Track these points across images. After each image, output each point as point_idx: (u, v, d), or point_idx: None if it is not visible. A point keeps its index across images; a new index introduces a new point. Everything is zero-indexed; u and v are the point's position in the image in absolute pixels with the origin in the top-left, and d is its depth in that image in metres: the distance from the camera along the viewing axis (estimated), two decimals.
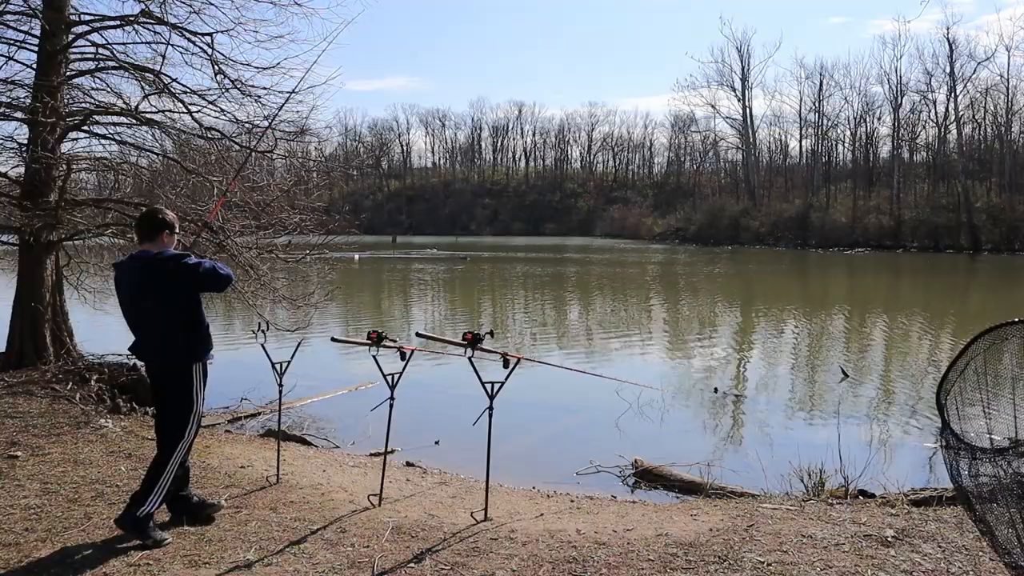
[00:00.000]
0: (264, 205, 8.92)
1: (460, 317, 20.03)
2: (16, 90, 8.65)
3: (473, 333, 4.46)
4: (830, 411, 8.88)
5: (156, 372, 4.10)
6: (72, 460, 5.37)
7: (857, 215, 61.61)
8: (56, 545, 3.80)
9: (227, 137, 9.04)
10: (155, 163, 10.08)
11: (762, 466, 6.15)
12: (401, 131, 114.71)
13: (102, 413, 7.00)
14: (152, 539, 3.79)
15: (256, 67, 8.77)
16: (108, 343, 9.04)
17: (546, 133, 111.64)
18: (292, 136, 9.38)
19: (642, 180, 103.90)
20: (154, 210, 4.19)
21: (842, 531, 4.02)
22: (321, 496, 4.85)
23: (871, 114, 70.12)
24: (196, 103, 8.76)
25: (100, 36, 8.93)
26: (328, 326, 14.67)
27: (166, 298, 3.93)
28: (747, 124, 76.84)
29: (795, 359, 13.34)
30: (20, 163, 8.93)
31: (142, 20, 8.51)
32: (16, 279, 8.91)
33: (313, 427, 8.09)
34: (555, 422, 8.65)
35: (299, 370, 5.67)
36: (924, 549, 3.72)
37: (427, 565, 3.62)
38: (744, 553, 3.72)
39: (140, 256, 3.98)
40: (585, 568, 3.59)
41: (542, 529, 4.24)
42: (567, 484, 6.07)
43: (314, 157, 12.32)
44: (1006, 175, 56.94)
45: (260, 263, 8.80)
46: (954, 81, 60.04)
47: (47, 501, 4.45)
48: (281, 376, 5.22)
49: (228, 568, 3.57)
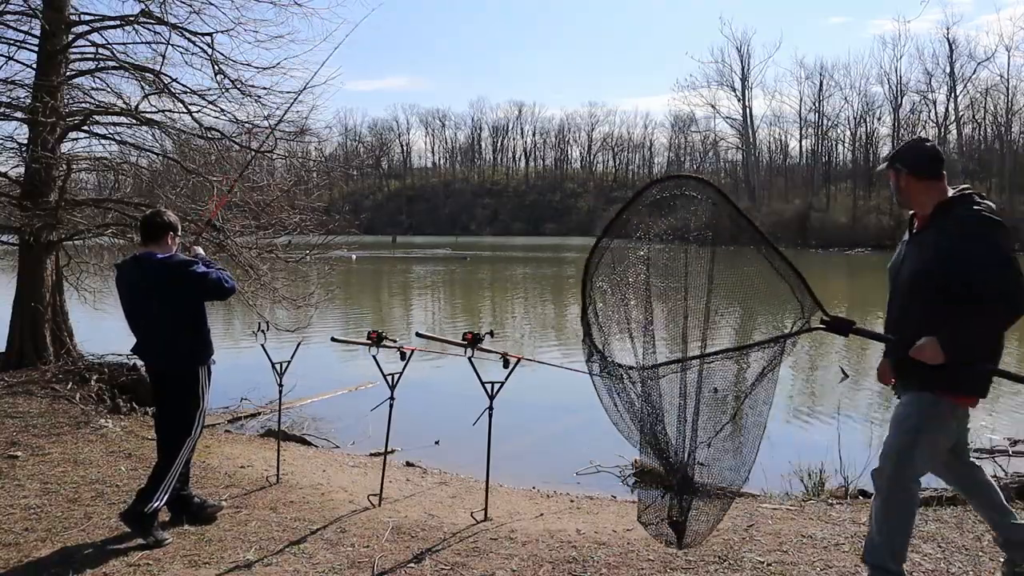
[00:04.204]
0: (264, 205, 8.92)
1: (460, 317, 20.03)
2: (16, 90, 8.67)
3: (473, 333, 4.47)
4: (830, 411, 8.87)
5: (159, 374, 4.10)
6: (72, 460, 5.37)
7: (857, 215, 61.62)
8: (56, 545, 3.80)
9: (227, 137, 9.04)
10: (155, 163, 10.08)
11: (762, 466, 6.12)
12: (401, 131, 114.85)
13: (102, 413, 7.01)
14: (153, 538, 3.79)
15: (256, 67, 8.80)
16: (108, 343, 9.04)
17: (546, 133, 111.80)
18: (292, 136, 9.39)
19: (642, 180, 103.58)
20: (158, 212, 4.20)
21: (842, 531, 4.02)
22: (321, 496, 4.85)
23: (871, 114, 70.20)
24: (196, 103, 8.77)
25: (100, 36, 8.94)
26: (328, 326, 14.66)
27: (170, 302, 3.94)
28: (747, 124, 76.84)
29: (795, 359, 13.33)
30: (20, 163, 8.95)
31: (142, 20, 8.51)
32: (16, 279, 8.92)
33: (313, 427, 8.10)
34: (555, 422, 8.65)
35: (299, 370, 5.67)
36: (924, 549, 3.72)
37: (427, 565, 3.62)
38: (744, 553, 3.72)
39: (144, 258, 3.98)
40: (585, 568, 3.59)
41: (542, 529, 4.24)
42: (567, 484, 6.07)
43: (314, 157, 12.32)
44: (1006, 175, 56.94)
45: (260, 263, 8.80)
46: (954, 81, 60.16)
47: (47, 501, 4.46)
48: (281, 376, 5.22)
49: (228, 568, 3.57)
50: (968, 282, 2.86)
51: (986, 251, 2.86)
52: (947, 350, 2.83)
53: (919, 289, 3.03)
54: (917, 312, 3.02)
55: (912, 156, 3.13)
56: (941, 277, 2.93)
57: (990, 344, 2.95)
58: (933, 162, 3.10)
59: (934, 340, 2.84)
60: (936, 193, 3.07)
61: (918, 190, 3.10)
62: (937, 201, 3.05)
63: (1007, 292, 2.82)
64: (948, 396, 3.00)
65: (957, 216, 2.96)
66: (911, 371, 3.00)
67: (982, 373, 2.97)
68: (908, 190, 3.12)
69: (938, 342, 2.84)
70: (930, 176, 3.09)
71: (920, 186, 3.09)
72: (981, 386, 3.03)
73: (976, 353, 2.89)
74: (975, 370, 2.93)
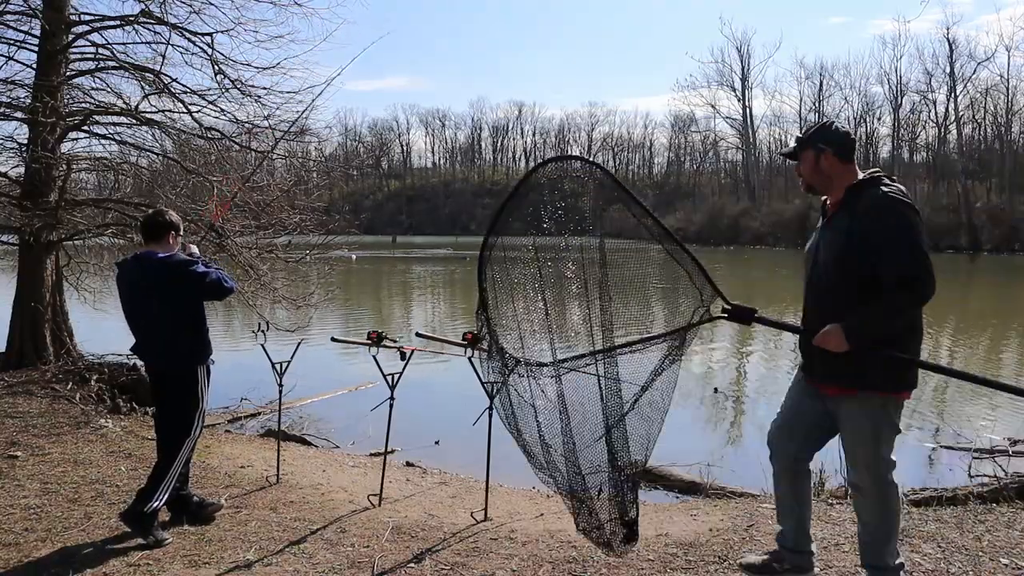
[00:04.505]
0: (264, 205, 8.92)
1: (460, 317, 20.03)
2: (16, 90, 8.68)
3: (473, 333, 4.46)
4: None
5: (159, 374, 4.10)
6: (72, 460, 5.37)
7: None
8: (56, 545, 3.80)
9: (227, 137, 9.04)
10: (155, 163, 10.09)
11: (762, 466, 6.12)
12: (401, 131, 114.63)
13: (102, 413, 7.01)
14: (153, 538, 3.79)
15: (256, 67, 8.81)
16: (108, 343, 9.04)
17: (546, 133, 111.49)
18: (292, 136, 9.39)
19: (642, 180, 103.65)
20: (159, 211, 4.21)
21: (842, 531, 4.02)
22: (321, 496, 4.85)
23: (871, 114, 70.10)
24: (196, 103, 8.78)
25: (100, 36, 8.94)
26: (328, 326, 14.66)
27: (170, 301, 3.94)
28: (747, 124, 76.81)
29: (795, 359, 13.30)
30: (20, 163, 8.95)
31: (142, 20, 8.51)
32: (16, 279, 8.91)
33: (313, 427, 8.10)
34: None
35: (299, 370, 5.66)
36: (924, 549, 3.72)
37: (427, 565, 3.62)
38: (744, 553, 3.72)
39: (145, 257, 3.98)
40: (585, 568, 3.59)
41: (542, 529, 4.24)
42: None
43: (314, 157, 12.33)
44: (1006, 175, 56.91)
45: (260, 263, 8.80)
46: (954, 81, 60.03)
47: (47, 501, 4.46)
48: (281, 376, 5.22)
49: (228, 568, 3.57)
50: (874, 264, 2.78)
51: (891, 233, 2.77)
52: (851, 338, 2.75)
53: (831, 275, 2.95)
54: (829, 300, 2.94)
55: (837, 137, 3.04)
56: (850, 261, 2.86)
57: (897, 331, 2.84)
58: (853, 145, 3.05)
59: (838, 327, 2.76)
60: (851, 177, 3.02)
61: (839, 173, 3.03)
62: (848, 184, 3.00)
63: (910, 275, 2.73)
64: (892, 395, 2.93)
65: (866, 198, 2.89)
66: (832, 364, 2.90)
67: (906, 364, 2.87)
68: (831, 172, 3.03)
69: (842, 329, 2.76)
70: (851, 159, 3.04)
71: (841, 168, 3.02)
72: (909, 378, 2.93)
73: (883, 340, 2.79)
74: (882, 358, 2.81)
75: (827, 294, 2.98)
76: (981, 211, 55.08)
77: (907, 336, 2.88)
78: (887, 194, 2.84)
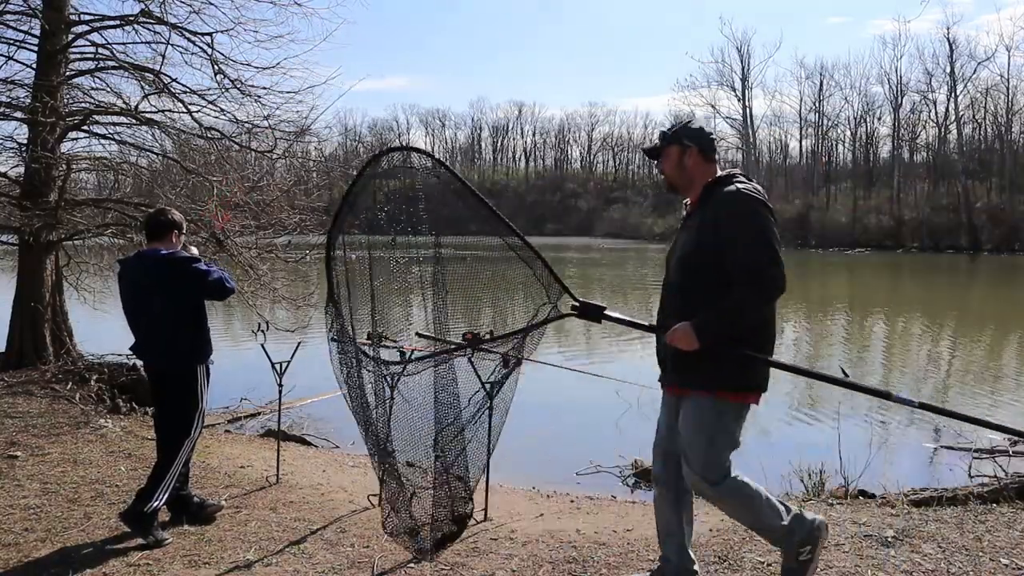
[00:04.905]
0: (264, 205, 8.92)
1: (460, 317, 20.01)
2: (16, 90, 8.68)
3: (473, 333, 4.45)
4: (830, 411, 8.86)
5: (158, 373, 4.10)
6: (72, 460, 5.37)
7: (857, 215, 61.61)
8: (56, 545, 3.80)
9: (227, 137, 9.04)
10: (155, 163, 10.09)
11: (762, 466, 6.14)
12: (401, 131, 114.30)
13: (102, 413, 7.00)
14: (153, 538, 3.79)
15: (256, 67, 8.80)
16: (108, 343, 9.03)
17: (546, 133, 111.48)
18: (292, 136, 9.39)
19: (642, 180, 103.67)
20: (162, 210, 4.21)
21: (842, 531, 4.02)
22: (321, 496, 4.85)
23: (871, 114, 70.20)
24: (196, 103, 8.77)
25: (100, 36, 8.94)
26: None
27: (173, 298, 3.94)
28: (747, 124, 76.75)
29: (795, 359, 13.32)
30: (20, 163, 8.95)
31: (142, 20, 8.51)
32: (16, 279, 8.91)
33: (313, 427, 8.09)
34: (555, 422, 8.64)
35: (299, 370, 5.66)
36: (924, 549, 3.72)
37: (427, 565, 3.61)
38: (744, 553, 3.72)
39: (148, 255, 3.98)
40: (585, 568, 3.59)
41: (542, 529, 4.24)
42: (567, 484, 6.06)
43: (314, 157, 12.32)
44: (1006, 175, 56.96)
45: (260, 263, 8.80)
46: (954, 81, 60.10)
47: (47, 501, 4.45)
48: (281, 376, 5.21)
49: (228, 568, 3.57)
50: (721, 261, 2.76)
51: (739, 228, 2.75)
52: (702, 336, 2.70)
53: (684, 273, 2.92)
54: (680, 299, 2.90)
55: (700, 135, 3.01)
56: (699, 255, 2.83)
57: (747, 330, 2.79)
58: (714, 143, 3.04)
59: (688, 325, 2.73)
60: (710, 175, 2.99)
61: (701, 171, 2.99)
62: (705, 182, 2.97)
63: (755, 272, 2.69)
64: (728, 397, 2.85)
65: (719, 193, 2.87)
66: (682, 363, 2.85)
67: (754, 365, 2.81)
68: (694, 170, 3.00)
69: (692, 327, 2.72)
70: (713, 158, 3.02)
71: (704, 167, 2.99)
72: (758, 379, 2.87)
73: (732, 338, 2.74)
74: (734, 356, 2.76)
75: (679, 293, 2.95)
76: (981, 211, 55.12)
77: (761, 334, 2.84)
78: (740, 190, 2.83)
